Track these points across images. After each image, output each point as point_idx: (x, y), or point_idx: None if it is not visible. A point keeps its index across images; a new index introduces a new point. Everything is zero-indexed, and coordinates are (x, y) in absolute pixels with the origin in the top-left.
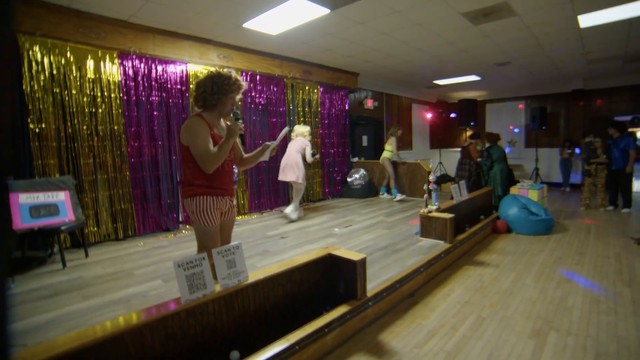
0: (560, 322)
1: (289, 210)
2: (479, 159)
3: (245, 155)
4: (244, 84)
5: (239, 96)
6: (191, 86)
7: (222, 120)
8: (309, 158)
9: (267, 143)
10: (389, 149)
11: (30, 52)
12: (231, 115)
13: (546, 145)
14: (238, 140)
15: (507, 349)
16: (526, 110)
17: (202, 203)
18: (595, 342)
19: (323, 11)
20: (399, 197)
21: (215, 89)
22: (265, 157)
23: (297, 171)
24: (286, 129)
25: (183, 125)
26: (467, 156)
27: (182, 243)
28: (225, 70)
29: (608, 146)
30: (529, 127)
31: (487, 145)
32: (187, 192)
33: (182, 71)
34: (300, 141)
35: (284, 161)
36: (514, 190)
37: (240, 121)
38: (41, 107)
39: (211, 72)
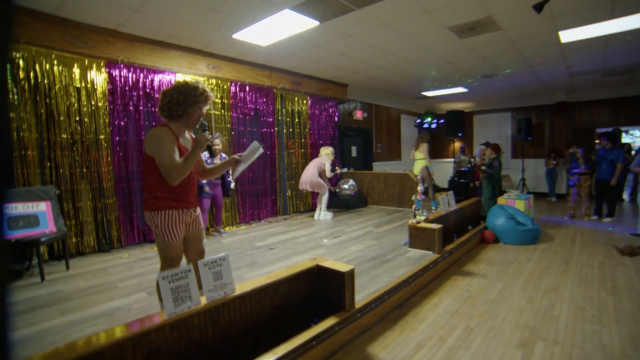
0: (547, 331)
1: (316, 215)
2: (482, 167)
3: (209, 167)
4: (212, 95)
5: (206, 107)
6: None
7: (186, 131)
8: (328, 174)
9: (235, 156)
10: (422, 157)
11: (15, 60)
12: (197, 126)
13: (532, 156)
14: (206, 152)
15: (496, 358)
16: (512, 121)
17: (167, 217)
18: (581, 351)
19: (312, 23)
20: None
21: (181, 99)
22: (235, 174)
23: (310, 184)
24: (259, 150)
25: (148, 134)
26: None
27: None
28: (192, 80)
29: (598, 156)
30: (516, 138)
31: (493, 155)
32: (150, 205)
33: (171, 81)
34: (322, 158)
35: (302, 175)
36: (501, 200)
37: (207, 132)
38: (23, 115)
39: (178, 81)
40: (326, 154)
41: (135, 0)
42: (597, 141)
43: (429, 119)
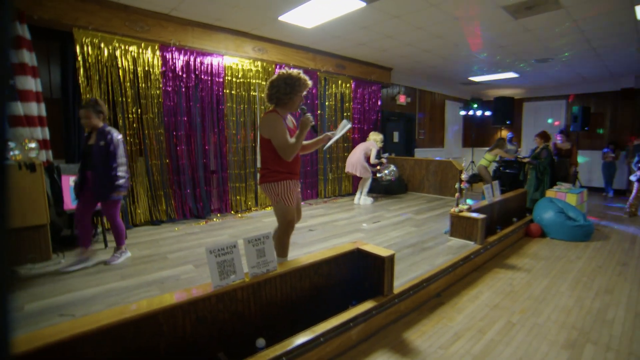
0: (598, 335)
1: (356, 199)
2: (526, 159)
3: (305, 143)
4: (310, 83)
5: (304, 92)
6: (227, 78)
7: (288, 114)
8: (372, 159)
9: (328, 133)
10: (490, 158)
11: (85, 45)
12: (298, 109)
13: (588, 148)
14: (311, 130)
15: (538, 357)
16: (567, 109)
17: (286, 187)
18: None
19: (359, 4)
20: None
21: (288, 89)
22: (326, 146)
23: (357, 167)
24: (347, 125)
25: (262, 120)
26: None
27: (213, 231)
28: (294, 71)
29: None
30: (569, 127)
31: (542, 144)
32: (271, 177)
33: (219, 63)
34: (368, 143)
35: (349, 158)
36: (550, 193)
37: (309, 114)
38: (91, 96)
39: (282, 73)
40: (374, 139)
41: None
42: None
43: (475, 106)
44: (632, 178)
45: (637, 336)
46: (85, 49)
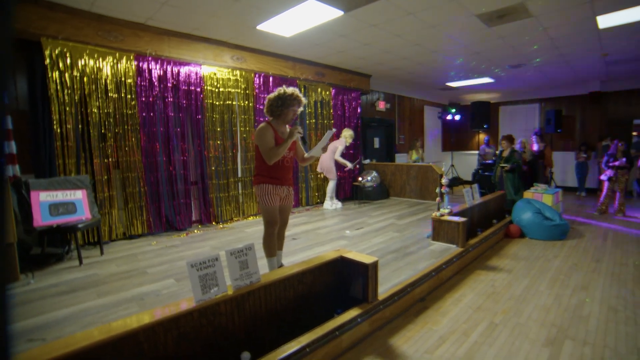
0: (576, 330)
1: (325, 204)
2: (504, 166)
3: (307, 154)
4: (304, 100)
5: (300, 108)
6: (206, 87)
7: (286, 126)
8: (336, 155)
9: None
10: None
11: (54, 55)
12: (292, 122)
13: (561, 149)
14: (300, 142)
15: (521, 356)
16: (540, 113)
17: (265, 189)
18: (614, 353)
19: (336, 13)
20: None
21: (279, 102)
22: (309, 154)
23: (324, 166)
24: (330, 133)
25: (256, 130)
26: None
27: (194, 243)
28: (290, 88)
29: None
30: (543, 130)
31: (509, 147)
32: (256, 180)
33: (197, 72)
34: (337, 142)
35: (321, 157)
36: (527, 194)
37: (299, 127)
38: (62, 108)
39: (279, 89)
40: (344, 135)
41: None
42: (634, 133)
43: (453, 110)
44: (603, 177)
45: (611, 329)
46: (54, 59)
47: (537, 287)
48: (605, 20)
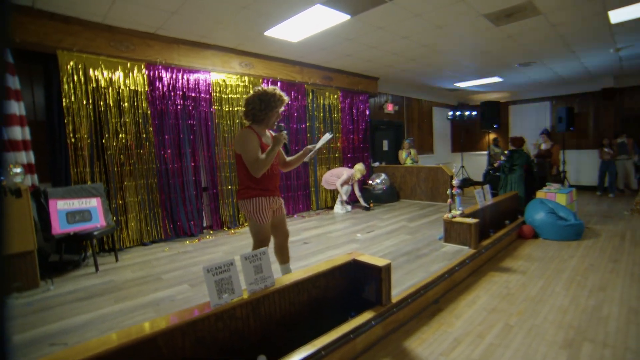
0: (594, 332)
1: (336, 208)
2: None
3: (289, 159)
4: (287, 99)
5: (282, 109)
6: (215, 94)
7: (267, 130)
8: (337, 183)
9: (309, 147)
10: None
11: (69, 67)
12: (275, 126)
13: (574, 147)
14: (282, 148)
15: (538, 358)
16: (552, 111)
17: (257, 204)
18: (637, 356)
19: (343, 17)
20: None
21: (262, 106)
22: (307, 159)
23: (326, 181)
24: (328, 136)
25: (236, 136)
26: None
27: (207, 248)
28: (270, 87)
29: None
30: (555, 129)
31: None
32: (243, 194)
33: (206, 80)
34: (345, 170)
35: (330, 172)
36: (540, 194)
37: (285, 132)
38: (76, 119)
39: (257, 90)
40: (357, 169)
41: (173, 2)
42: None
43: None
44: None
45: (632, 331)
46: (69, 70)
47: (552, 288)
48: (618, 15)
